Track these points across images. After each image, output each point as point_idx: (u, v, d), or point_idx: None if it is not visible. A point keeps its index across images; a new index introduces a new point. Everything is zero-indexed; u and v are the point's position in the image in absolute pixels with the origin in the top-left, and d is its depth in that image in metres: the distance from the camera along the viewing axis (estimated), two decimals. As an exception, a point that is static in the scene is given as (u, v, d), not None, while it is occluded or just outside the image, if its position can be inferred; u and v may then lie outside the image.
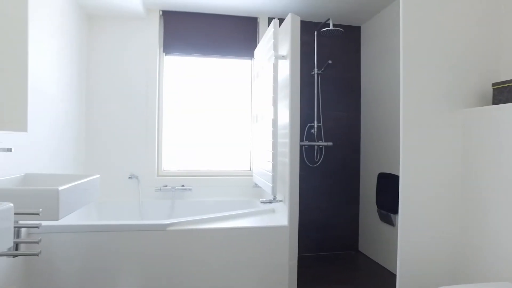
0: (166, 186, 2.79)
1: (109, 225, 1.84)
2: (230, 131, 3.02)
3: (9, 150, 1.35)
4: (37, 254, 1.18)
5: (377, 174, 2.82)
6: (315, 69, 2.95)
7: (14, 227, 1.18)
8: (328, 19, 2.67)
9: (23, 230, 1.67)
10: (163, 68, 2.90)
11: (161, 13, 2.84)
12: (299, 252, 2.97)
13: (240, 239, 1.95)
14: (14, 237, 1.26)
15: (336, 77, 3.08)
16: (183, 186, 2.82)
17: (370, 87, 2.98)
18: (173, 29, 2.86)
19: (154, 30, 2.81)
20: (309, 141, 2.97)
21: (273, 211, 2.38)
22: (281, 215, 2.18)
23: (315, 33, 2.95)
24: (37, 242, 1.16)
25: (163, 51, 2.88)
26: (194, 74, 2.97)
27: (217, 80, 3.00)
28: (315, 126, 2.95)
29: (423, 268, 1.51)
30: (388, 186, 2.61)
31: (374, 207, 2.86)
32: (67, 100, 2.36)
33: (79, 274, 1.81)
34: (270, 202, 2.19)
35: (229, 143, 3.02)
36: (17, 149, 1.71)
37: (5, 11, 1.77)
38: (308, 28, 3.02)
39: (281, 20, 2.98)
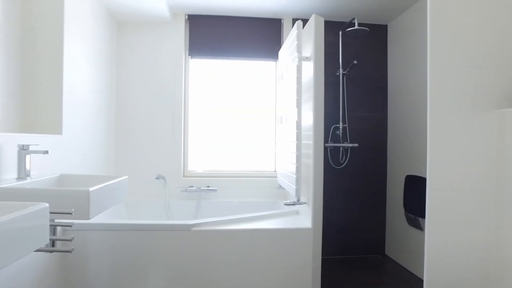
0: (192, 186, 2.85)
1: (136, 224, 1.91)
2: (255, 132, 3.04)
3: (46, 152, 1.43)
4: (70, 251, 1.25)
5: (404, 176, 2.74)
6: (340, 69, 2.91)
7: (50, 225, 1.26)
8: (353, 19, 2.63)
9: (58, 228, 1.76)
10: (189, 71, 2.97)
11: (186, 17, 2.90)
12: (323, 255, 2.95)
13: (264, 240, 1.97)
14: (50, 235, 1.34)
15: (362, 77, 3.02)
16: (208, 187, 2.87)
17: (397, 87, 2.90)
18: (198, 33, 2.92)
19: (180, 34, 2.88)
20: (334, 143, 2.93)
21: (297, 213, 2.37)
22: (305, 217, 2.18)
23: (340, 33, 2.91)
24: (70, 240, 1.22)
25: (189, 54, 2.94)
26: (219, 76, 3.01)
27: (242, 81, 3.03)
28: (340, 127, 2.91)
29: (452, 274, 1.46)
30: (416, 189, 2.53)
31: (401, 210, 2.78)
32: (99, 103, 2.46)
33: (109, 270, 1.89)
34: (293, 204, 2.18)
35: (253, 144, 3.04)
36: (53, 151, 1.81)
37: (43, 22, 1.87)
38: (332, 28, 2.98)
39: (305, 21, 2.97)
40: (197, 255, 1.93)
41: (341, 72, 2.91)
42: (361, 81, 3.02)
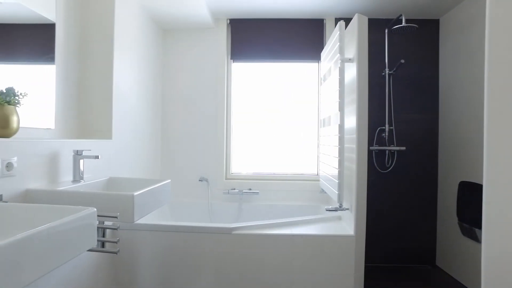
0: (234, 189, 2.88)
1: (180, 226, 1.97)
2: (298, 135, 3.00)
3: (97, 157, 1.53)
4: (116, 252, 1.32)
5: (458, 182, 2.55)
6: (386, 69, 2.78)
7: (99, 228, 1.34)
8: (400, 15, 2.49)
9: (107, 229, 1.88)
10: (231, 74, 3.01)
11: (228, 21, 2.95)
12: (366, 262, 2.83)
13: (304, 246, 1.93)
14: (99, 236, 1.43)
15: (409, 77, 2.86)
16: (250, 189, 2.88)
17: (450, 86, 2.70)
18: (240, 37, 2.95)
19: (222, 38, 2.93)
20: (379, 146, 2.81)
21: (339, 218, 2.30)
22: (347, 224, 2.10)
23: (386, 31, 2.77)
24: (116, 242, 1.30)
25: (231, 58, 2.98)
26: (261, 79, 3.02)
27: (285, 84, 3.01)
28: (386, 129, 2.77)
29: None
30: (472, 197, 2.33)
31: (454, 218, 2.59)
32: (145, 108, 2.59)
33: (154, 268, 1.97)
34: (335, 210, 2.12)
35: (296, 147, 3.00)
36: (104, 155, 1.93)
37: (96, 35, 2.01)
38: (378, 26, 2.86)
39: (348, 20, 2.87)
40: (237, 259, 1.95)
41: (387, 72, 2.78)
42: (409, 81, 2.86)
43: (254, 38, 2.95)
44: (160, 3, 2.40)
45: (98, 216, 1.21)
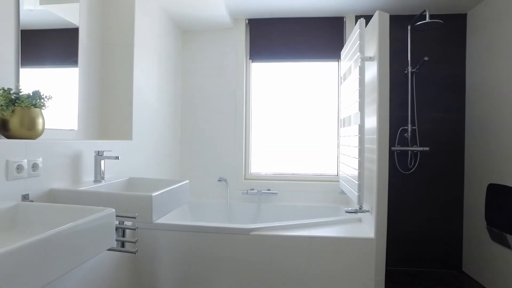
0: (253, 189, 2.88)
1: (198, 226, 1.99)
2: (317, 135, 2.97)
3: (117, 158, 1.57)
4: (134, 252, 1.35)
5: (486, 185, 2.44)
6: (409, 67, 2.69)
7: (119, 228, 1.37)
8: (424, 11, 2.41)
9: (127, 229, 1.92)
10: (250, 75, 3.01)
11: (247, 21, 2.95)
12: (387, 265, 2.76)
13: (323, 248, 1.90)
14: (119, 236, 1.46)
15: (434, 75, 2.76)
16: (269, 190, 2.87)
17: (478, 84, 2.59)
18: (259, 37, 2.94)
19: (241, 39, 2.94)
20: (401, 146, 2.73)
21: (359, 220, 2.25)
22: (367, 226, 2.06)
23: (409, 27, 2.69)
24: (134, 242, 1.32)
25: (250, 58, 2.98)
26: (280, 79, 3.00)
27: (304, 83, 2.98)
28: (409, 129, 2.69)
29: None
30: (501, 200, 2.23)
31: (483, 223, 2.48)
32: (165, 109, 2.63)
33: (174, 268, 2.00)
34: (355, 212, 2.08)
35: (315, 147, 2.97)
36: (124, 155, 1.97)
37: (117, 38, 2.06)
38: (400, 22, 2.77)
39: (369, 17, 2.81)
40: (255, 260, 1.94)
41: (409, 70, 2.69)
42: (433, 79, 2.76)
43: (273, 37, 2.93)
44: (180, 4, 2.43)
45: (117, 216, 1.24)
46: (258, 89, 3.03)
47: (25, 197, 1.28)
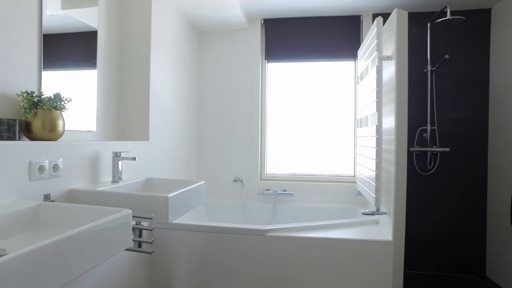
0: (268, 190, 2.88)
1: (214, 226, 2.00)
2: (333, 135, 2.94)
3: (134, 159, 1.59)
4: (150, 253, 1.37)
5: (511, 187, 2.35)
6: (428, 66, 2.63)
7: (136, 228, 1.39)
8: (445, 7, 2.34)
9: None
10: (266, 75, 3.00)
11: (262, 21, 2.94)
12: (405, 269, 2.70)
13: (339, 251, 1.88)
14: (136, 236, 1.49)
15: (455, 73, 2.68)
16: (284, 190, 2.86)
17: (502, 82, 2.49)
18: (274, 36, 2.93)
19: (256, 39, 2.93)
20: (420, 147, 2.66)
21: (376, 222, 2.21)
22: (385, 228, 2.02)
23: (429, 25, 2.62)
24: (150, 242, 1.34)
25: (265, 59, 2.98)
26: (295, 79, 2.98)
27: (320, 83, 2.95)
28: (428, 129, 2.62)
29: None
30: (527, 202, 2.14)
31: (508, 227, 2.39)
32: (181, 110, 2.65)
33: (189, 267, 2.02)
34: (373, 214, 2.04)
35: (332, 148, 2.94)
36: (141, 156, 2.00)
37: (134, 40, 2.09)
38: (419, 20, 2.71)
39: (387, 15, 2.75)
40: (271, 261, 1.94)
41: (429, 69, 2.62)
42: (454, 77, 2.68)
43: (288, 37, 2.91)
44: (195, 5, 2.45)
45: (134, 216, 1.26)
46: (274, 89, 3.02)
47: (46, 197, 1.32)
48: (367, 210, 2.07)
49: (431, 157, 2.68)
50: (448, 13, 2.32)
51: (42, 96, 1.36)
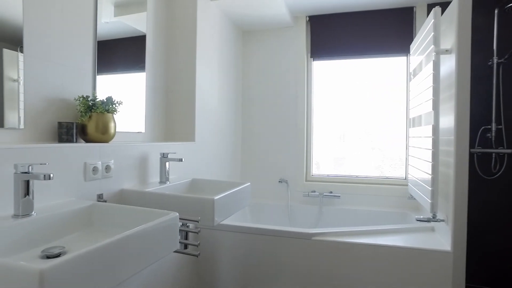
0: (314, 191, 2.80)
1: (260, 228, 1.97)
2: (382, 135, 2.78)
3: (181, 160, 1.62)
4: (196, 255, 1.37)
5: None
6: (494, 58, 2.38)
7: (182, 230, 1.41)
8: (514, -6, 2.11)
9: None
10: (311, 73, 2.93)
11: (307, 19, 2.86)
12: (466, 282, 2.48)
13: (390, 259, 1.76)
14: (182, 238, 1.51)
15: (525, 66, 2.40)
16: (331, 192, 2.77)
17: None
18: (320, 34, 2.84)
19: (301, 36, 2.86)
20: (483, 148, 2.43)
21: (432, 229, 2.05)
22: (442, 237, 1.86)
23: (496, 11, 2.37)
24: (196, 245, 1.34)
25: (311, 57, 2.90)
26: (343, 76, 2.87)
27: (369, 80, 2.81)
28: (493, 129, 2.38)
29: None
30: None
31: None
32: (226, 110, 2.67)
33: (234, 268, 2.02)
34: (428, 220, 1.89)
35: (382, 148, 2.79)
36: (187, 157, 2.04)
37: (180, 42, 2.13)
38: (482, 6, 2.46)
39: (444, 6, 2.54)
40: (316, 266, 1.87)
41: (495, 61, 2.37)
42: (525, 70, 2.40)
43: (335, 34, 2.81)
44: (240, 5, 2.44)
45: (180, 219, 1.27)
46: (320, 87, 2.93)
47: (99, 197, 1.38)
48: (421, 216, 1.92)
49: (496, 159, 2.43)
50: (518, -1, 2.08)
51: (96, 100, 1.42)
